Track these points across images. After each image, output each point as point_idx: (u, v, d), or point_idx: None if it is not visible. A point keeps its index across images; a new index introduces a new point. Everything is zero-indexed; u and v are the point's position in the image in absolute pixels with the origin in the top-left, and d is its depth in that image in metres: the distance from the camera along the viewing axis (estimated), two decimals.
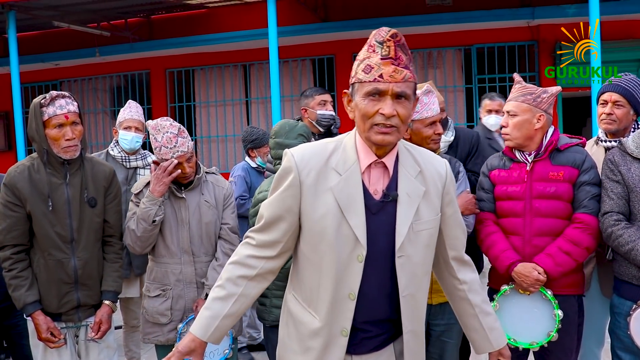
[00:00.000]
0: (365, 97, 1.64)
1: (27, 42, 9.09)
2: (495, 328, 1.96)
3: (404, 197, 1.72)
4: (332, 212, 1.68)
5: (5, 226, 2.64)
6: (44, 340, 2.65)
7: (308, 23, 8.34)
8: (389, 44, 1.63)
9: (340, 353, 1.74)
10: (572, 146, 2.70)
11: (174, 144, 2.76)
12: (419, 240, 1.74)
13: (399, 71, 1.62)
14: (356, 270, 1.69)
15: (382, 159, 1.72)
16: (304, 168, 1.70)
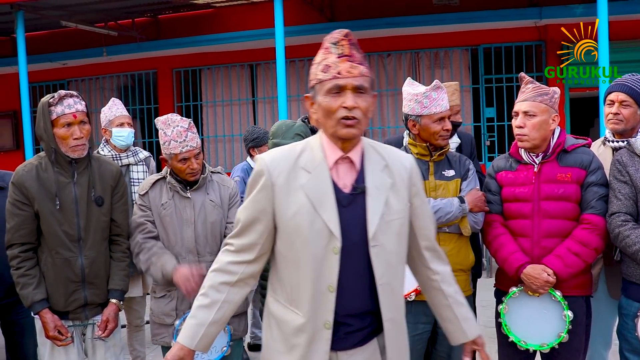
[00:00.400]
0: (327, 94, 1.73)
1: (35, 41, 9.13)
2: (468, 318, 2.03)
3: (373, 189, 1.79)
4: (305, 208, 1.75)
5: (13, 225, 2.65)
6: (51, 338, 2.66)
7: (314, 23, 8.34)
8: (343, 42, 1.74)
9: (325, 346, 1.78)
10: (579, 147, 2.69)
11: (183, 138, 2.75)
12: (390, 229, 1.80)
13: (355, 67, 1.72)
14: (333, 262, 1.75)
15: (348, 154, 1.80)
16: (274, 170, 1.78)
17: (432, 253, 1.99)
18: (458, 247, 2.75)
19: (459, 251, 2.75)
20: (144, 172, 3.87)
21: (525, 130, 2.64)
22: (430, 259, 1.98)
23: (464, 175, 2.80)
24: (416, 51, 8.64)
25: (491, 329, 2.98)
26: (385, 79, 8.73)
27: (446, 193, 2.75)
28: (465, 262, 2.78)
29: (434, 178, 2.78)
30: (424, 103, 2.73)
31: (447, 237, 2.73)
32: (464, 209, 2.68)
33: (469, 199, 2.71)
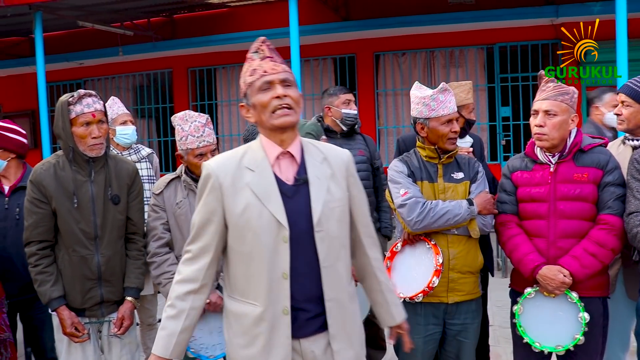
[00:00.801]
0: (259, 92, 1.89)
1: (53, 41, 9.24)
2: (397, 304, 2.20)
3: (314, 179, 1.94)
4: (252, 203, 1.88)
5: (31, 222, 2.69)
6: (68, 334, 2.69)
7: (329, 22, 8.34)
8: (262, 47, 1.96)
9: (286, 331, 1.89)
10: (596, 147, 2.66)
11: (200, 133, 2.77)
12: (333, 215, 1.93)
13: (277, 65, 1.93)
14: (284, 250, 1.87)
15: (288, 149, 1.94)
16: (220, 172, 1.92)
17: (370, 240, 2.12)
18: (467, 249, 2.74)
19: (468, 253, 2.74)
20: (147, 168, 3.91)
21: (545, 129, 2.61)
22: (368, 246, 2.11)
23: (473, 178, 2.79)
24: (431, 50, 8.60)
25: (506, 330, 2.98)
26: (400, 78, 8.70)
27: (455, 195, 2.74)
28: (473, 264, 2.77)
29: (442, 180, 2.77)
30: (432, 106, 2.73)
31: (455, 239, 2.72)
32: (473, 212, 2.68)
33: (478, 202, 2.70)
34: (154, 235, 2.87)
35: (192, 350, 2.80)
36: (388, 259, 2.78)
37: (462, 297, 2.73)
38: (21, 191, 3.26)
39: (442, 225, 2.64)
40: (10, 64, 10.11)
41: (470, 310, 2.77)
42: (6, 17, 7.74)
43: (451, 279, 2.69)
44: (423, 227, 2.64)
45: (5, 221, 3.27)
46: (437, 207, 2.63)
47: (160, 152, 9.96)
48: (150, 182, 3.88)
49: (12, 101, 10.75)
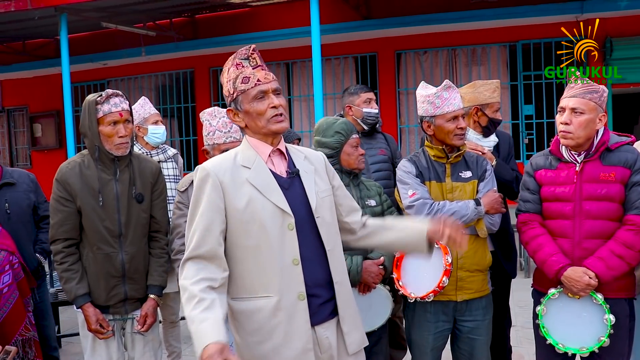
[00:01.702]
0: (254, 101, 1.98)
1: (77, 43, 9.37)
2: (407, 220, 2.32)
3: (303, 172, 2.08)
4: (255, 196, 1.96)
5: (57, 220, 2.73)
6: (93, 331, 2.73)
7: (350, 21, 8.32)
8: (254, 56, 2.02)
9: (304, 316, 1.95)
10: (623, 145, 2.61)
11: (228, 129, 2.81)
12: (324, 204, 2.08)
13: (268, 73, 2.02)
14: (291, 237, 1.96)
15: (278, 147, 2.07)
16: (218, 170, 1.98)
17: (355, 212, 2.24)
18: (475, 249, 2.73)
19: (476, 252, 2.73)
20: (173, 168, 3.98)
21: (570, 127, 2.56)
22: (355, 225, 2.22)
23: (481, 176, 2.78)
24: (453, 48, 8.53)
25: (528, 330, 2.94)
26: (422, 76, 8.64)
27: (463, 195, 2.73)
28: (482, 262, 2.76)
29: (450, 180, 2.76)
30: (436, 103, 2.74)
31: None
32: (480, 212, 2.67)
33: (486, 201, 2.69)
34: (179, 233, 2.91)
35: None
36: (398, 259, 2.78)
37: (471, 294, 2.73)
38: (5, 187, 3.47)
39: None
40: (36, 65, 10.29)
41: (481, 307, 2.77)
42: (33, 19, 7.88)
43: (460, 278, 2.70)
44: None
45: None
46: (445, 209, 2.64)
47: (182, 152, 10.05)
48: (177, 182, 3.95)
49: (38, 102, 10.94)
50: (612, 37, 7.38)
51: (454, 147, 2.77)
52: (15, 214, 3.44)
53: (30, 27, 8.58)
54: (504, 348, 3.43)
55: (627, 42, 7.30)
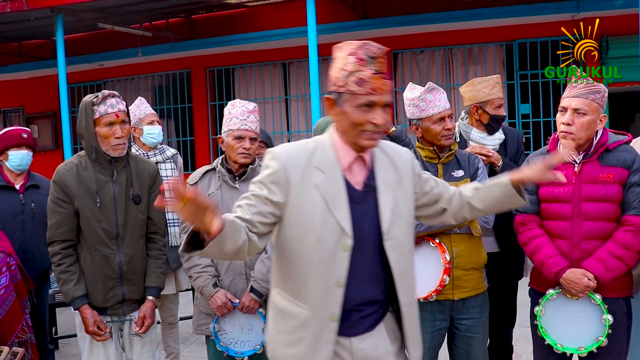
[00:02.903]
0: (358, 108, 1.79)
1: (73, 43, 9.34)
2: (494, 180, 2.12)
3: (382, 185, 1.89)
4: (319, 206, 1.81)
5: (54, 222, 2.73)
6: (91, 333, 2.72)
7: (347, 20, 8.31)
8: (381, 60, 1.80)
9: (331, 337, 1.85)
10: (620, 145, 2.61)
11: (245, 117, 2.83)
12: (401, 221, 1.91)
13: (386, 84, 1.80)
14: (343, 258, 1.82)
15: (361, 154, 1.89)
16: (290, 166, 1.83)
17: (454, 197, 2.10)
18: (470, 247, 2.73)
19: (471, 251, 2.74)
20: (172, 169, 3.94)
21: (572, 128, 2.54)
22: (448, 201, 2.09)
23: (473, 175, 2.78)
24: (450, 47, 8.54)
25: (526, 329, 2.94)
26: (419, 76, 8.65)
27: None
28: (477, 260, 2.76)
29: (442, 180, 2.76)
30: (421, 106, 2.76)
31: (458, 237, 2.72)
32: None
33: None
34: (184, 228, 2.92)
35: (220, 344, 2.83)
36: None
37: (468, 292, 2.74)
38: (32, 188, 3.66)
39: (443, 226, 2.65)
40: (33, 66, 10.25)
41: (477, 305, 2.78)
42: (29, 20, 7.86)
43: (456, 277, 2.70)
44: (426, 228, 2.66)
45: (23, 215, 3.59)
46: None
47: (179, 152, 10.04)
48: None
49: (34, 103, 10.90)
50: (607, 36, 7.40)
51: (445, 147, 2.78)
52: (38, 215, 3.59)
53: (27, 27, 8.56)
54: (505, 348, 3.43)
55: (623, 41, 7.31)
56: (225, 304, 2.78)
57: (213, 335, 2.85)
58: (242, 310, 2.81)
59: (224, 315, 2.84)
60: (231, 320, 2.86)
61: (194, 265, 2.87)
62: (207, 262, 2.86)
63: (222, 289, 2.82)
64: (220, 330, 2.87)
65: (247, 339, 2.85)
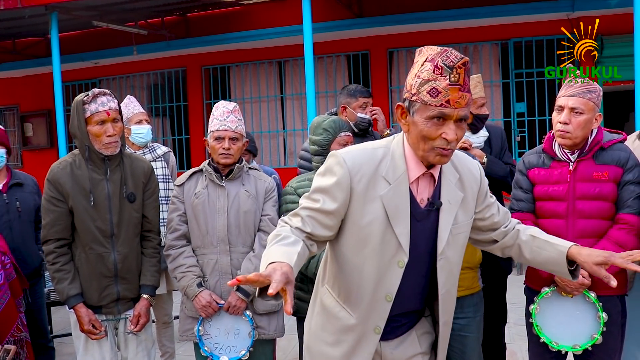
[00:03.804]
0: (429, 120, 1.66)
1: (68, 42, 9.31)
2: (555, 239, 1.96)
3: (446, 204, 1.80)
4: (380, 219, 1.74)
5: (48, 221, 2.72)
6: (86, 332, 2.72)
7: (343, 19, 8.31)
8: (460, 71, 1.65)
9: (371, 348, 1.86)
10: (615, 144, 2.62)
11: (224, 118, 2.83)
12: (456, 242, 1.85)
13: (464, 97, 1.65)
14: (396, 274, 1.79)
15: (431, 171, 1.79)
16: (355, 174, 1.74)
17: (510, 232, 2.00)
18: None
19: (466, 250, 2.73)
20: (162, 167, 3.90)
21: (569, 127, 2.55)
22: (511, 236, 1.99)
23: None
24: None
25: (521, 327, 2.96)
26: None
27: None
28: (471, 259, 2.77)
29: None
30: None
31: None
32: None
33: None
34: (170, 228, 2.92)
35: (205, 348, 2.81)
36: None
37: (462, 292, 2.73)
38: (15, 186, 3.62)
39: None
40: (27, 64, 10.21)
41: (472, 305, 2.78)
42: (23, 18, 7.82)
43: None
44: None
45: (8, 214, 3.55)
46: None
47: (174, 151, 10.02)
48: (166, 182, 3.87)
49: (28, 101, 10.85)
50: (602, 35, 7.41)
51: None
52: (24, 213, 3.60)
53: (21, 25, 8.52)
54: (498, 345, 3.44)
55: (618, 40, 7.33)
56: (210, 304, 2.77)
57: (197, 338, 2.83)
58: (228, 311, 2.80)
59: (210, 318, 2.82)
60: (217, 324, 2.84)
61: (178, 265, 2.85)
62: (192, 262, 2.85)
63: (206, 289, 2.81)
64: (205, 334, 2.84)
65: (233, 344, 2.82)
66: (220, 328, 2.83)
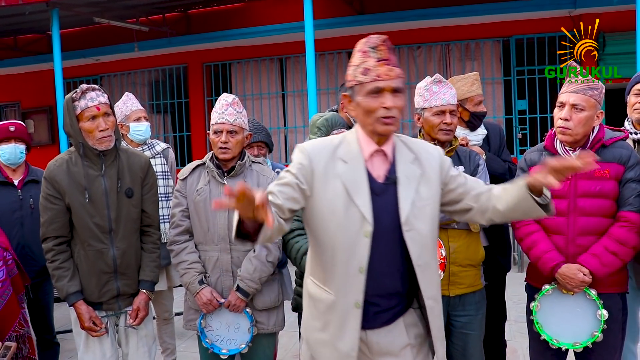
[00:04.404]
0: (367, 95, 1.88)
1: (69, 38, 9.31)
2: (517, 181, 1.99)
3: (404, 179, 1.95)
4: (341, 195, 1.90)
5: (47, 218, 2.72)
6: (86, 329, 2.72)
7: (344, 16, 8.30)
8: (382, 47, 1.89)
9: (356, 324, 1.94)
10: (617, 141, 2.61)
11: (222, 111, 2.81)
12: (423, 214, 1.95)
13: (392, 69, 1.88)
14: (364, 245, 1.90)
15: (382, 148, 1.96)
16: (314, 157, 1.95)
17: (483, 195, 2.04)
18: (467, 243, 2.74)
19: (468, 247, 2.74)
20: (162, 164, 3.89)
21: (570, 124, 2.55)
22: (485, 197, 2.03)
23: (473, 171, 2.78)
24: (446, 43, 8.53)
25: (522, 324, 2.96)
26: (416, 71, 8.64)
27: None
28: (474, 257, 2.77)
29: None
30: (425, 96, 2.78)
31: (455, 233, 2.72)
32: None
33: None
34: (173, 223, 2.91)
35: (206, 340, 2.83)
36: None
37: (464, 289, 2.74)
38: (31, 183, 3.62)
39: (441, 220, 2.64)
40: (28, 60, 10.21)
41: (474, 302, 2.78)
42: (24, 14, 7.82)
43: (452, 273, 2.71)
44: None
45: (21, 210, 3.57)
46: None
47: (175, 148, 10.01)
48: (165, 178, 3.87)
49: (30, 98, 10.86)
50: (605, 32, 7.39)
51: (445, 143, 2.78)
52: (37, 210, 3.54)
53: (22, 22, 8.51)
54: (499, 342, 3.45)
55: (620, 38, 7.31)
56: (211, 301, 2.78)
57: (199, 331, 2.85)
58: (228, 309, 2.81)
59: (211, 312, 2.84)
60: (218, 318, 2.85)
61: (181, 261, 2.86)
62: (194, 258, 2.85)
63: (208, 286, 2.82)
64: (207, 326, 2.86)
65: (233, 337, 2.84)
66: (222, 321, 2.85)
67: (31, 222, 3.56)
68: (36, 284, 3.54)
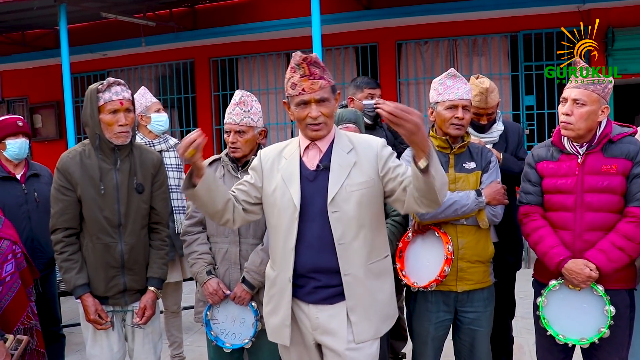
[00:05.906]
0: (297, 106, 2.20)
1: (77, 33, 9.32)
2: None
3: (336, 166, 2.20)
4: (280, 185, 2.25)
5: (57, 210, 2.73)
6: (91, 321, 2.74)
7: (351, 11, 8.27)
8: (303, 65, 2.16)
9: (288, 296, 2.25)
10: (625, 137, 2.60)
11: (231, 111, 2.85)
12: (351, 199, 2.18)
13: (315, 83, 2.15)
14: (294, 226, 2.20)
15: (316, 142, 2.26)
16: (264, 157, 2.35)
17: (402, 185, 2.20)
18: (476, 240, 2.73)
19: (477, 243, 2.74)
20: (175, 157, 3.99)
21: (571, 118, 2.54)
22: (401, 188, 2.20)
23: (484, 168, 2.77)
24: (454, 38, 8.49)
25: (528, 320, 2.95)
26: (423, 66, 8.61)
27: (466, 185, 2.74)
28: (483, 253, 2.76)
29: (453, 171, 2.76)
30: (439, 90, 2.77)
31: (465, 229, 2.72)
32: (481, 202, 2.67)
33: (488, 192, 2.69)
34: (187, 214, 2.96)
35: (211, 332, 2.85)
36: (400, 249, 2.79)
37: (472, 286, 2.74)
38: (33, 177, 3.65)
39: (449, 216, 2.65)
40: (36, 56, 10.24)
41: (482, 299, 2.78)
42: (32, 9, 7.84)
43: (460, 268, 2.71)
44: (431, 217, 2.66)
45: (27, 204, 3.59)
46: (445, 198, 2.64)
47: None
48: (178, 171, 3.97)
49: (37, 93, 10.90)
50: (614, 27, 7.34)
51: (457, 138, 2.77)
52: (42, 204, 3.62)
53: (30, 17, 8.53)
54: (506, 339, 3.44)
55: (629, 33, 7.26)
56: (217, 292, 2.81)
57: (204, 322, 2.87)
58: (234, 301, 2.82)
59: (218, 304, 2.86)
60: (224, 311, 2.88)
61: (192, 251, 2.91)
62: (205, 249, 2.89)
63: (215, 277, 2.85)
64: (212, 318, 2.89)
65: (238, 331, 2.86)
66: (227, 315, 2.87)
67: (38, 216, 3.60)
68: (42, 276, 3.55)
